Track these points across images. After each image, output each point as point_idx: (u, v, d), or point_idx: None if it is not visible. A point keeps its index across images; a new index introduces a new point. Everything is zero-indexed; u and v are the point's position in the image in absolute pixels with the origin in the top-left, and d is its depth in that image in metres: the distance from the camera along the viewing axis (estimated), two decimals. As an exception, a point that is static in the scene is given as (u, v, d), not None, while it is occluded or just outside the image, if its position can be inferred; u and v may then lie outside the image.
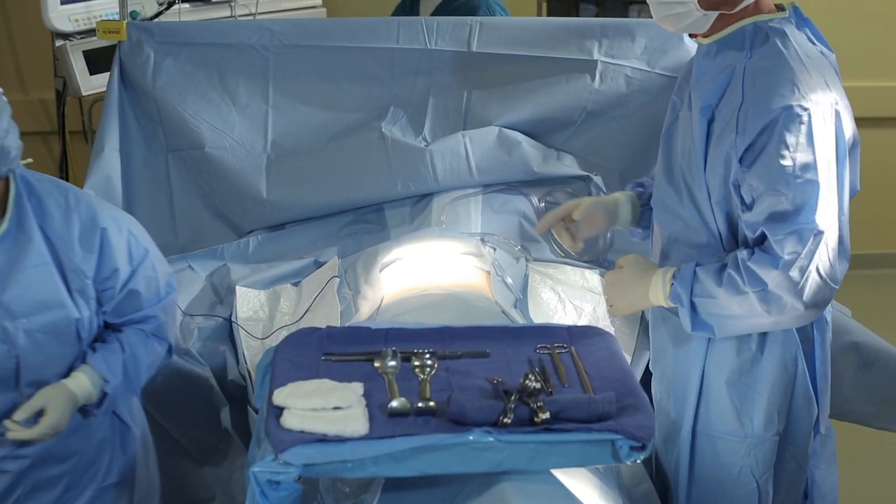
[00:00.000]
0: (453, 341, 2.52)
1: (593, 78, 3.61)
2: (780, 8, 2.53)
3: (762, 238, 2.38)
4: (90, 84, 3.96)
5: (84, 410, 2.51)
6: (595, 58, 3.60)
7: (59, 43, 3.95)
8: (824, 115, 2.35)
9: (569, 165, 3.61)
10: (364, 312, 3.09)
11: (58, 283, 2.40)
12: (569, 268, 3.40)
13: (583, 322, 3.22)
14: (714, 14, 2.45)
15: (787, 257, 2.33)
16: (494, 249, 3.32)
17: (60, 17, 3.85)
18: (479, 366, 2.44)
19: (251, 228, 3.62)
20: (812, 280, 2.36)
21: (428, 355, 2.43)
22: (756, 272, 2.35)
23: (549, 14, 5.18)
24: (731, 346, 2.53)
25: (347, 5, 5.17)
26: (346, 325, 3.07)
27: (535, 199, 3.55)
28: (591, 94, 3.61)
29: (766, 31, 2.44)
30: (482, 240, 3.33)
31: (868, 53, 5.65)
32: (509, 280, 3.21)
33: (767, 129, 2.33)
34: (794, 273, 2.34)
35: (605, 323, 3.19)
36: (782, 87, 2.34)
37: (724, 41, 2.47)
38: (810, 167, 2.32)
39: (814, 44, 2.49)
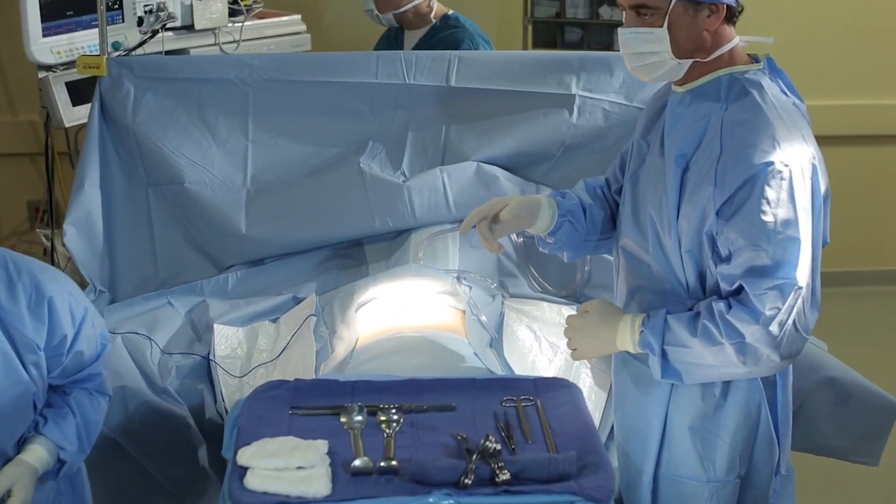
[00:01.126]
0: (420, 394, 2.54)
1: (571, 112, 3.63)
2: (753, 58, 2.54)
3: (738, 290, 2.39)
4: (73, 115, 3.97)
5: (40, 478, 2.50)
6: (573, 92, 3.61)
7: (41, 74, 3.95)
8: (803, 171, 2.37)
9: (547, 199, 3.62)
10: (339, 353, 3.10)
11: (14, 362, 2.39)
12: (545, 304, 3.42)
13: (558, 360, 3.25)
14: (688, 62, 2.46)
15: (768, 313, 2.34)
16: (470, 288, 3.33)
17: (42, 50, 3.85)
18: (444, 420, 2.46)
19: (231, 263, 3.63)
20: (789, 333, 2.38)
21: (394, 410, 2.46)
22: (735, 325, 2.36)
23: (535, 36, 5.19)
24: (696, 391, 2.54)
25: (332, 32, 5.19)
26: (322, 365, 3.10)
27: (512, 234, 3.56)
28: (569, 129, 3.62)
29: (743, 82, 2.45)
30: (458, 278, 3.35)
31: (854, 71, 5.66)
32: (484, 318, 3.23)
33: (748, 183, 2.34)
34: (774, 328, 2.35)
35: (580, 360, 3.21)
36: (763, 142, 2.35)
37: (699, 90, 2.48)
38: (791, 223, 2.34)
39: (787, 95, 2.51)
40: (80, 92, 3.94)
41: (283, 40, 4.46)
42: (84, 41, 3.90)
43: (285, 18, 4.51)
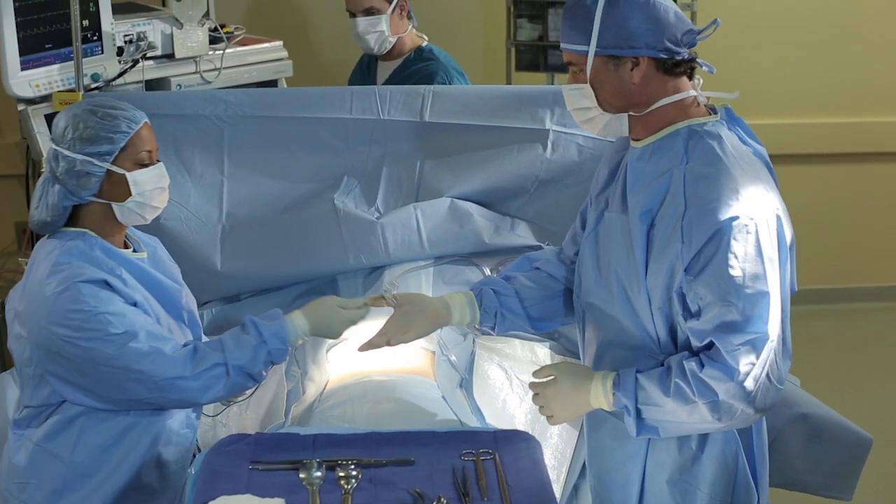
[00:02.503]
0: (380, 447, 2.57)
1: (545, 147, 3.63)
2: (711, 108, 2.53)
3: (710, 345, 2.39)
4: (52, 148, 3.98)
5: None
6: (547, 127, 3.61)
7: (20, 107, 3.97)
8: (768, 222, 2.37)
9: (521, 235, 3.63)
10: (309, 395, 3.13)
11: None
12: (517, 342, 3.42)
13: (530, 398, 3.25)
14: (624, 116, 2.46)
15: (742, 369, 2.34)
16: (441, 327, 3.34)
17: (21, 84, 3.86)
18: (403, 475, 2.49)
19: (206, 300, 3.64)
20: (763, 386, 2.39)
21: (353, 465, 2.48)
22: (708, 384, 2.36)
23: (518, 59, 5.19)
24: (672, 446, 2.54)
25: (315, 57, 5.21)
26: (292, 406, 3.12)
27: (487, 270, 3.57)
28: (542, 164, 3.63)
29: (702, 135, 2.43)
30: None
31: (841, 89, 5.67)
32: (454, 358, 3.25)
33: (714, 239, 2.34)
34: (749, 383, 2.36)
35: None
36: (726, 197, 2.34)
37: (658, 145, 2.47)
38: (760, 277, 2.34)
39: (746, 144, 2.50)
40: (59, 124, 3.95)
41: (264, 67, 4.47)
42: (63, 74, 3.91)
43: (267, 45, 4.51)
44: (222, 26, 4.39)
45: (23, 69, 3.86)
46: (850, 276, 5.97)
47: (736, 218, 2.33)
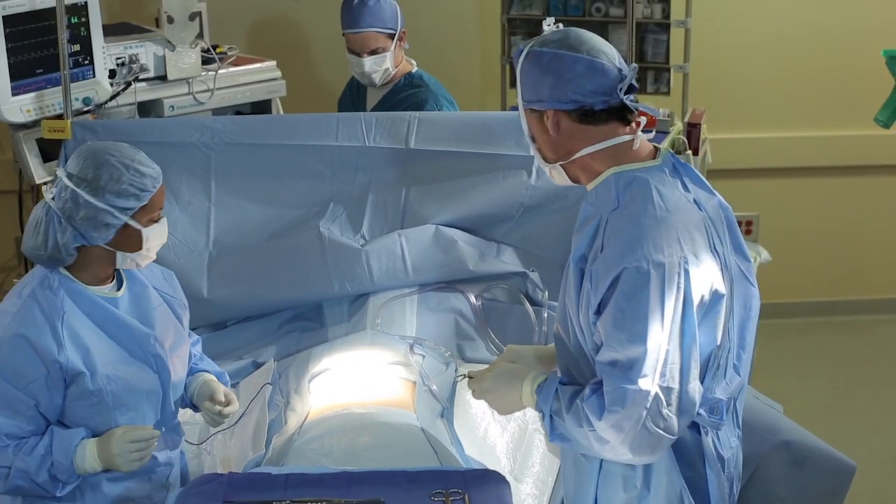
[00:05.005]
0: (352, 487, 2.59)
1: (530, 174, 3.65)
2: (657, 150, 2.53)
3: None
4: (44, 172, 4.00)
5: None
6: (532, 153, 3.61)
7: (12, 132, 4.00)
8: (668, 275, 2.35)
9: (506, 261, 3.65)
10: (291, 426, 3.15)
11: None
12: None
13: (512, 427, 3.28)
14: (559, 167, 2.51)
15: (609, 409, 2.36)
16: (423, 357, 3.36)
17: (12, 109, 3.88)
18: (373, 515, 2.50)
19: (193, 327, 3.66)
20: (638, 434, 2.37)
21: (323, 505, 2.50)
22: (587, 414, 2.39)
23: (512, 76, 5.18)
24: (618, 483, 2.55)
25: (309, 77, 5.23)
26: (274, 437, 3.15)
27: (471, 297, 3.59)
28: (527, 190, 3.65)
29: (631, 181, 2.44)
30: (412, 347, 3.38)
31: (838, 102, 5.66)
32: (435, 388, 3.26)
33: (612, 286, 2.36)
34: (613, 425, 2.37)
35: (534, 426, 3.25)
36: (629, 246, 2.36)
37: (596, 191, 2.50)
38: (640, 330, 2.33)
39: (688, 191, 2.49)
40: (50, 149, 3.99)
41: (257, 87, 4.49)
42: (53, 98, 3.93)
43: (260, 65, 4.52)
44: (215, 47, 4.40)
45: (14, 94, 3.88)
46: (848, 289, 5.97)
47: (628, 268, 2.34)
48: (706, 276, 2.41)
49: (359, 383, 3.24)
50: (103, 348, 2.72)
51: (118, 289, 2.81)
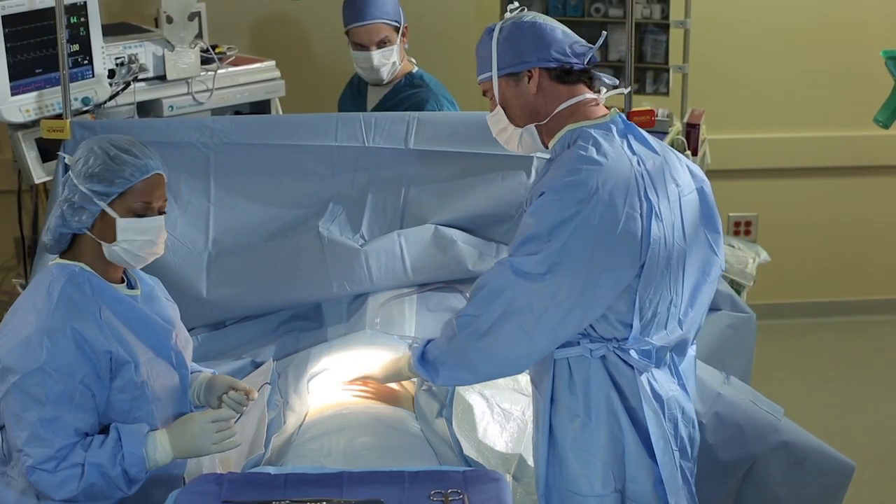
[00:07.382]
0: (350, 486, 2.59)
1: (529, 174, 3.65)
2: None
3: None
4: (43, 172, 4.01)
5: None
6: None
7: (11, 132, 4.00)
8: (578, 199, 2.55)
9: (505, 261, 3.64)
10: (289, 426, 3.14)
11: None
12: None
13: (511, 426, 3.27)
14: (532, 127, 2.74)
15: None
16: (422, 356, 3.35)
17: (11, 109, 3.88)
18: (372, 516, 2.50)
19: (192, 326, 3.67)
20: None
21: (322, 506, 2.50)
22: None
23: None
24: (565, 415, 2.74)
25: (308, 78, 5.22)
26: (273, 437, 3.14)
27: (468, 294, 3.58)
28: (527, 190, 3.63)
29: (580, 134, 2.66)
30: (411, 346, 3.38)
31: (839, 103, 5.66)
32: (434, 388, 3.26)
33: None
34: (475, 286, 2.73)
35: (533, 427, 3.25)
36: (551, 179, 2.62)
37: (554, 149, 2.74)
38: (527, 231, 2.61)
39: (632, 149, 2.67)
40: (49, 149, 3.98)
41: (256, 87, 4.48)
42: (53, 98, 3.92)
43: (259, 65, 4.51)
44: (214, 47, 4.40)
45: (13, 94, 3.88)
46: (848, 289, 5.97)
47: (548, 190, 2.59)
48: (615, 213, 2.57)
49: (358, 383, 3.24)
50: (134, 343, 2.74)
51: (130, 289, 2.83)
